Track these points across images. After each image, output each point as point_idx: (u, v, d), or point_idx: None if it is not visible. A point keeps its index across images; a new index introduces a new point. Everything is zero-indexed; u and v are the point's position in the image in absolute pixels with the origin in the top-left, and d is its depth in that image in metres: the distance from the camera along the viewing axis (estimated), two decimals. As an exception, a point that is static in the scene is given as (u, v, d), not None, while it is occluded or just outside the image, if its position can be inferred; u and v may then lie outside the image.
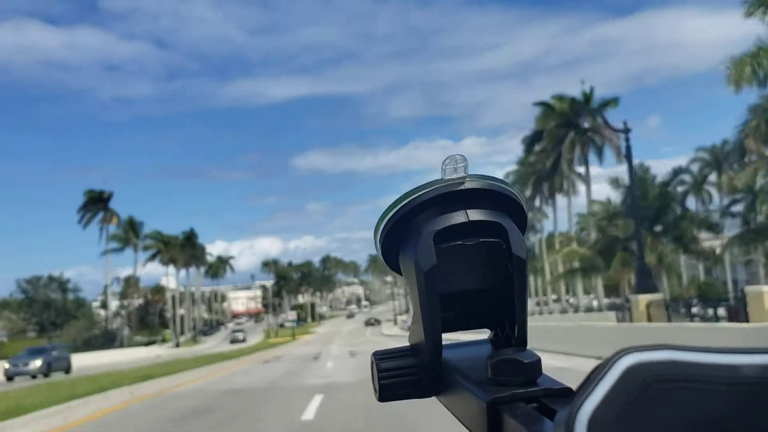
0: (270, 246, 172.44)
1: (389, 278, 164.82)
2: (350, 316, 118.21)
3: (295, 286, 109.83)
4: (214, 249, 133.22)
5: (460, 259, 0.48)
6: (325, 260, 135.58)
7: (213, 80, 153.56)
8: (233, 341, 63.66)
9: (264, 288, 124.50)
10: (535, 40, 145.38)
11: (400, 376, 0.51)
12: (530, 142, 39.85)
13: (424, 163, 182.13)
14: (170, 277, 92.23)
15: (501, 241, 0.48)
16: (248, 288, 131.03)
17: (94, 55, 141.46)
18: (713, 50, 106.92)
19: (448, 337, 0.50)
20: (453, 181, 0.49)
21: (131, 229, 73.41)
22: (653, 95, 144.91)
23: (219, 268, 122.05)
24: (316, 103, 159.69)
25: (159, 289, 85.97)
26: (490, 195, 0.50)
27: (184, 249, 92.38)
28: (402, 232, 0.50)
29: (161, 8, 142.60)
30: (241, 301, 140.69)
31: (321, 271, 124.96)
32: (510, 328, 0.50)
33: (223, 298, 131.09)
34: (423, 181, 0.48)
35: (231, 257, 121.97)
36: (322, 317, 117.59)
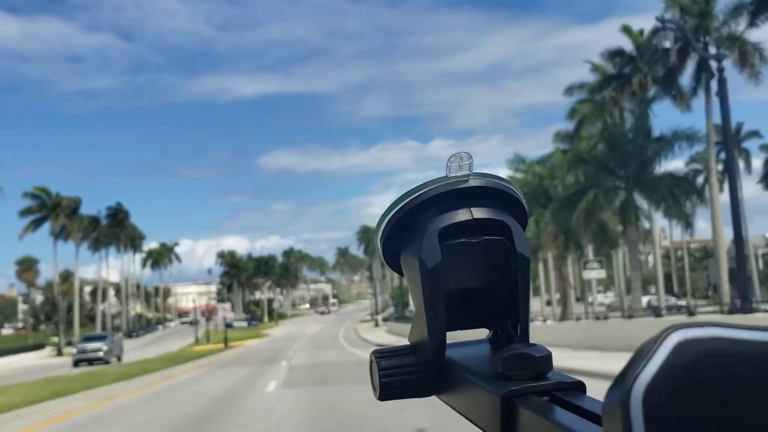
0: (236, 245, 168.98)
1: (357, 277, 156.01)
2: (324, 313, 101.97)
3: (249, 277, 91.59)
4: (180, 247, 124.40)
5: (464, 256, 0.48)
6: (288, 253, 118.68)
7: (179, 75, 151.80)
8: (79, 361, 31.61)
9: (221, 283, 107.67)
10: (504, 43, 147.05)
11: (401, 375, 0.50)
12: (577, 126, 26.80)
13: (392, 164, 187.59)
14: (111, 270, 74.76)
15: (505, 239, 0.48)
16: (207, 284, 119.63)
17: (55, 45, 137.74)
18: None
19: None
20: (458, 179, 0.49)
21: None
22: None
23: (161, 257, 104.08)
24: (285, 101, 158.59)
25: (66, 278, 67.75)
26: (493, 193, 0.50)
27: (110, 228, 75.04)
28: (405, 229, 0.50)
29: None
30: (191, 297, 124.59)
31: (282, 264, 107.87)
32: (512, 327, 0.50)
33: (166, 293, 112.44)
34: (391, 182, 0.39)
35: (176, 244, 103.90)
36: (282, 316, 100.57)
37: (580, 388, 0.43)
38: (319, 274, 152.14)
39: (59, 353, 49.00)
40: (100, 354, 31.33)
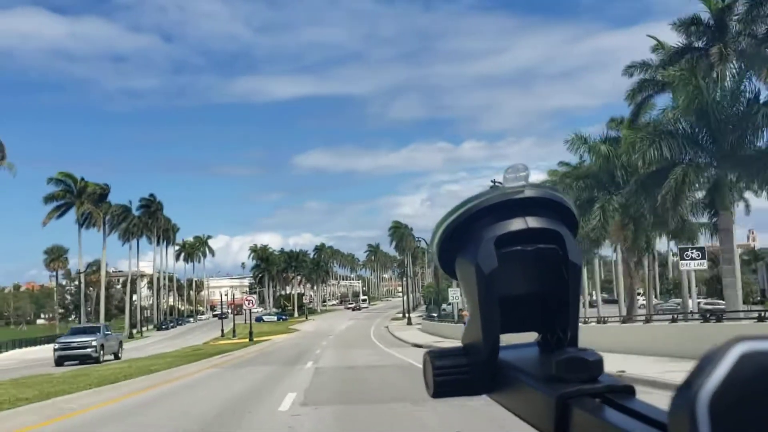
0: (270, 242, 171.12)
1: (387, 275, 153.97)
2: (355, 309, 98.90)
3: (280, 272, 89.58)
4: (216, 243, 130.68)
5: (519, 263, 0.51)
6: (320, 249, 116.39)
7: (218, 76, 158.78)
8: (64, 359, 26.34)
9: (252, 277, 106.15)
10: (536, 47, 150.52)
11: (454, 374, 0.53)
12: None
13: (423, 165, 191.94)
14: (145, 262, 73.27)
15: (558, 248, 0.51)
16: (241, 278, 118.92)
17: (100, 46, 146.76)
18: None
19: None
20: (513, 189, 0.52)
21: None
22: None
23: (195, 250, 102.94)
24: (319, 103, 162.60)
25: (95, 270, 65.84)
26: (547, 203, 0.53)
27: (141, 219, 73.56)
28: (461, 236, 0.53)
29: (168, 1, 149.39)
30: (223, 290, 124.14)
31: (313, 259, 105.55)
32: (562, 332, 0.52)
33: (198, 287, 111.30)
34: (422, 182, 0.43)
35: (209, 237, 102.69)
36: (312, 312, 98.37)
37: (630, 391, 0.45)
38: (349, 271, 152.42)
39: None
40: (89, 351, 26.06)
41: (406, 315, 60.68)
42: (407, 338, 33.21)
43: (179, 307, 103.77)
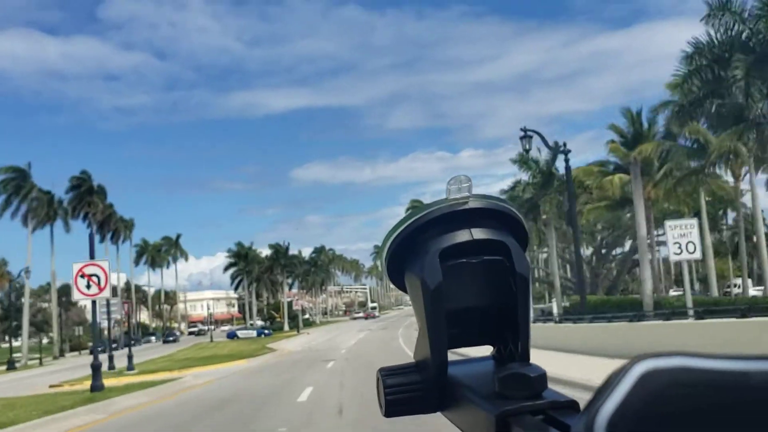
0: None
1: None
2: (367, 317, 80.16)
3: (264, 271, 68.31)
4: (215, 261, 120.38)
5: (465, 276, 0.50)
6: (320, 251, 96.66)
7: (212, 91, 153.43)
8: None
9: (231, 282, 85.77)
10: (532, 52, 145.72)
11: (406, 392, 0.52)
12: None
13: (422, 174, 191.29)
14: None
15: (504, 259, 0.50)
16: (229, 290, 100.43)
17: (92, 65, 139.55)
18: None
19: (453, 354, 0.51)
20: (457, 201, 0.51)
21: None
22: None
23: (162, 252, 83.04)
24: (315, 115, 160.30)
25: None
26: (493, 214, 0.52)
27: (72, 204, 54.12)
28: (408, 250, 0.52)
29: (159, 18, 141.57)
30: (204, 303, 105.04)
31: (307, 260, 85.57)
32: (513, 344, 0.51)
33: (168, 298, 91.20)
34: (422, 192, 0.38)
35: (179, 235, 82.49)
36: (310, 324, 78.29)
37: (574, 407, 0.44)
38: (353, 280, 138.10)
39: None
40: None
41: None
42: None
43: (149, 322, 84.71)
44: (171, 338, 61.61)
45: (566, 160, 19.86)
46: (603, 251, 41.08)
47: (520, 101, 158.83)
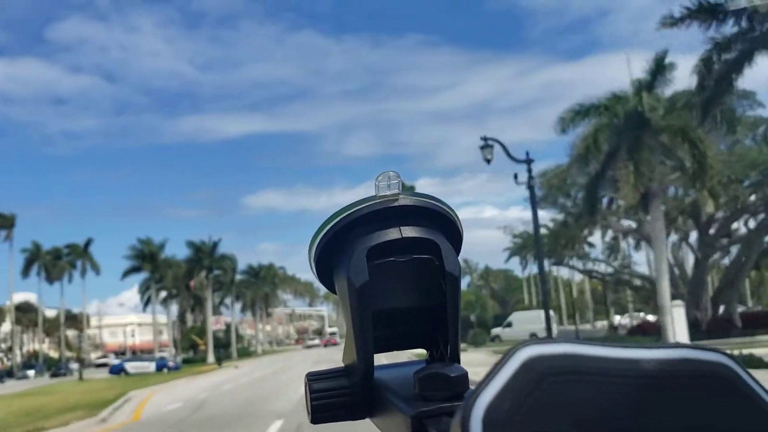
0: None
1: None
2: (329, 343, 62.71)
3: (180, 277, 47.55)
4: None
5: (394, 276, 0.48)
6: (266, 269, 76.07)
7: (163, 115, 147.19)
8: None
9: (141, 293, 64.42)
10: (487, 82, 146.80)
11: (333, 397, 0.49)
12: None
13: None
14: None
15: (434, 258, 0.48)
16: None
17: (38, 87, 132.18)
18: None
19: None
20: (386, 198, 0.48)
21: None
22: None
23: (63, 261, 61.26)
24: (269, 141, 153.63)
25: None
26: (424, 212, 0.49)
27: None
28: (336, 249, 0.49)
29: (110, 40, 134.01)
30: (127, 329, 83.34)
31: (249, 269, 65.41)
32: (444, 346, 0.49)
33: (76, 320, 69.90)
34: None
35: (90, 240, 60.64)
36: (246, 354, 57.84)
37: None
38: (307, 304, 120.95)
39: None
40: None
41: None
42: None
43: (47, 351, 64.43)
44: (62, 371, 48.22)
45: (529, 170, 17.69)
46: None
47: (476, 130, 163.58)
